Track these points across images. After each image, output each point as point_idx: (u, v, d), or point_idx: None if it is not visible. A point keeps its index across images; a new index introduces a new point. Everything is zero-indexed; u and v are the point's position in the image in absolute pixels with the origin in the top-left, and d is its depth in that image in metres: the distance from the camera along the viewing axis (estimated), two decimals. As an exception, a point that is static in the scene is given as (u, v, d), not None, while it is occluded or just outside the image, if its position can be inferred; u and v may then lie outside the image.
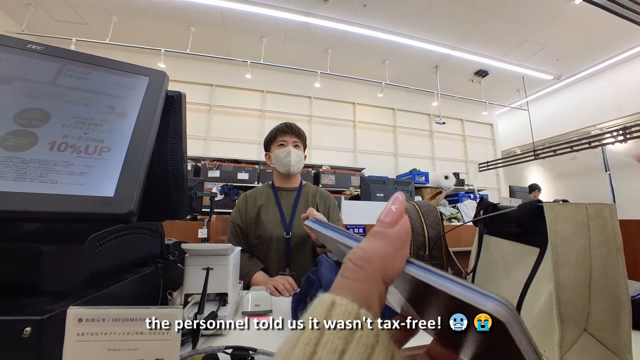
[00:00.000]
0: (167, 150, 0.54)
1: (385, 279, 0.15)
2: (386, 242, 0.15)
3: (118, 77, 0.49)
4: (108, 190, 0.39)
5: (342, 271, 0.15)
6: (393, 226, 0.16)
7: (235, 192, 3.18)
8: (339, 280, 0.15)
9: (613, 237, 0.47)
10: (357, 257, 0.15)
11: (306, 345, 0.12)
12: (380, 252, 0.15)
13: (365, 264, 0.15)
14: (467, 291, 0.13)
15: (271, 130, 1.15)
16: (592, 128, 4.25)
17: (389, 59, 4.03)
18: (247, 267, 0.95)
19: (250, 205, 1.08)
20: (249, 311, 0.63)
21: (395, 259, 0.15)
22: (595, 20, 3.06)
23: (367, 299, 0.14)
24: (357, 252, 0.15)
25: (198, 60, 3.83)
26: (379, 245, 0.15)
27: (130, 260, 0.54)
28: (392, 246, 0.15)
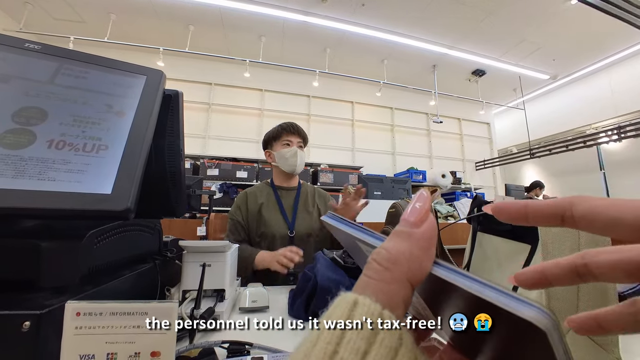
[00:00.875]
0: (164, 148, 0.54)
1: (411, 281, 0.14)
2: (412, 242, 0.15)
3: (115, 76, 0.50)
4: (106, 187, 0.40)
5: (367, 271, 0.15)
6: (418, 226, 0.15)
7: (234, 190, 3.18)
8: (363, 280, 0.14)
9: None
10: (383, 258, 0.15)
11: (327, 344, 0.12)
12: (406, 253, 0.14)
13: (391, 265, 0.14)
14: (505, 297, 0.12)
15: (275, 128, 1.14)
16: (588, 127, 4.28)
17: (387, 59, 4.04)
18: (248, 251, 0.95)
19: (251, 202, 1.09)
20: (246, 307, 0.64)
21: (422, 260, 0.15)
22: (591, 21, 3.08)
23: (391, 301, 0.13)
24: (382, 252, 0.15)
25: (197, 58, 3.83)
26: (404, 246, 0.15)
27: (128, 256, 0.54)
28: (418, 247, 0.15)
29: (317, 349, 0.12)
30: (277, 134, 1.12)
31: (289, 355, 0.12)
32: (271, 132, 1.15)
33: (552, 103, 4.89)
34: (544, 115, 4.92)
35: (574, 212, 0.14)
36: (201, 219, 1.67)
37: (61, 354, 0.32)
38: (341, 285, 0.60)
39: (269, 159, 1.15)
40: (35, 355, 0.33)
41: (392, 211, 1.02)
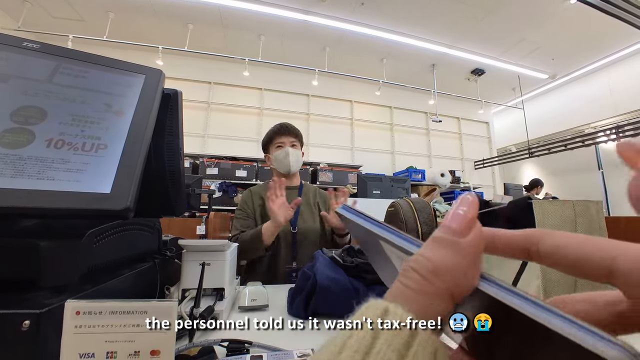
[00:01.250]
0: (163, 147, 0.54)
1: (454, 296, 0.13)
2: (457, 253, 0.13)
3: (114, 75, 0.50)
4: (105, 186, 0.40)
5: (404, 279, 0.13)
6: (464, 235, 0.14)
7: (233, 189, 3.18)
8: (398, 288, 0.13)
9: (599, 233, 0.49)
10: (424, 268, 0.13)
11: (355, 352, 0.11)
12: (451, 266, 0.13)
13: (433, 277, 0.13)
14: (581, 331, 0.10)
15: (267, 133, 1.18)
16: (586, 127, 4.30)
17: (387, 58, 4.04)
18: (253, 231, 0.97)
19: (256, 198, 1.12)
20: (245, 306, 0.64)
21: (468, 273, 0.13)
22: (590, 20, 3.09)
23: (427, 314, 0.12)
24: (423, 261, 0.13)
25: (196, 57, 3.82)
26: (449, 257, 0.13)
27: (127, 256, 0.54)
28: (465, 259, 0.13)
29: (343, 356, 0.11)
30: (269, 138, 1.17)
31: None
32: (265, 136, 1.19)
33: (551, 102, 4.90)
34: (543, 115, 4.93)
35: (540, 248, 0.13)
36: (201, 218, 1.67)
37: (61, 353, 0.32)
38: (340, 284, 0.60)
39: (268, 162, 1.19)
40: (35, 354, 0.33)
41: (392, 210, 1.02)
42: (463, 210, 0.14)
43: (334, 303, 0.59)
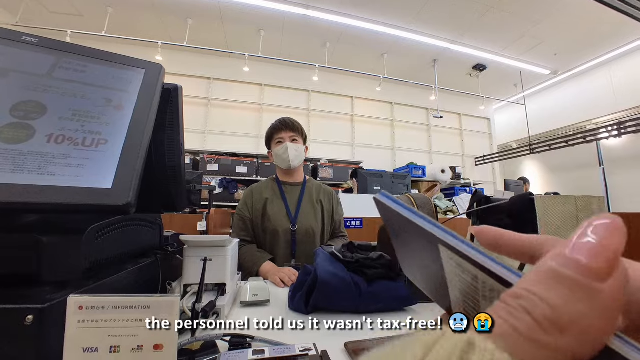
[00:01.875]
0: (164, 142, 0.54)
1: (576, 356, 0.10)
2: (595, 305, 0.10)
3: (114, 70, 0.50)
4: (106, 182, 0.40)
5: (508, 317, 0.10)
6: (604, 279, 0.10)
7: (234, 185, 3.18)
8: (497, 324, 0.10)
9: (600, 228, 0.48)
10: (543, 316, 0.10)
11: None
12: (583, 322, 0.09)
13: (556, 332, 0.09)
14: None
15: (268, 129, 1.18)
16: (588, 123, 4.28)
17: (388, 53, 4.01)
18: (256, 258, 0.97)
19: (257, 197, 1.11)
20: (247, 301, 0.64)
21: (603, 332, 0.10)
22: (593, 15, 3.05)
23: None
24: (544, 308, 0.10)
25: (195, 53, 3.79)
26: (582, 310, 0.10)
27: (129, 251, 0.54)
28: (604, 314, 0.10)
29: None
30: (270, 134, 1.16)
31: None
32: (266, 133, 1.18)
33: (552, 98, 4.87)
34: (544, 111, 4.91)
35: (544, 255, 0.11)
36: (201, 214, 1.67)
37: (64, 347, 0.32)
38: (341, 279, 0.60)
39: (271, 158, 1.18)
40: (38, 348, 0.33)
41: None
42: (605, 241, 0.10)
43: (335, 298, 0.59)
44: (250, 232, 1.07)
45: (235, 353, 0.45)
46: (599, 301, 0.10)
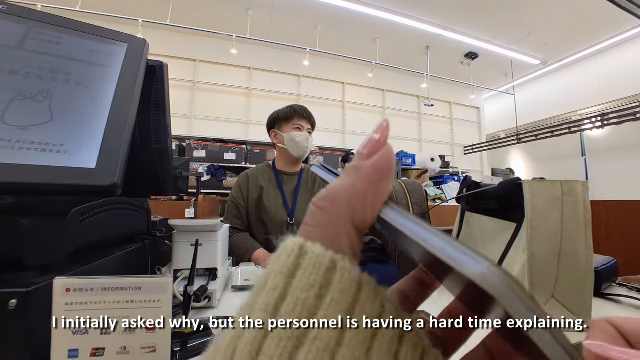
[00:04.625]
0: (149, 123, 0.52)
1: (354, 222, 0.11)
2: (357, 176, 0.12)
3: (93, 43, 0.46)
4: (89, 161, 0.38)
5: (305, 218, 0.12)
6: (369, 157, 0.13)
7: (222, 172, 3.14)
8: (300, 230, 0.12)
9: (583, 212, 0.50)
10: (320, 198, 0.12)
11: (264, 311, 0.10)
12: (347, 189, 0.12)
13: (328, 204, 0.12)
14: (447, 246, 0.10)
15: (286, 109, 1.09)
16: (573, 114, 4.39)
17: (380, 38, 3.94)
18: (249, 245, 0.95)
19: (252, 185, 1.06)
20: (239, 285, 0.64)
21: (368, 197, 0.12)
22: (584, 6, 3.08)
23: (335, 248, 0.11)
24: (322, 192, 0.13)
25: (179, 32, 3.60)
26: (347, 181, 0.12)
27: (116, 235, 0.53)
28: (363, 181, 0.12)
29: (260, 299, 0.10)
30: (289, 115, 1.07)
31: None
32: (281, 112, 1.09)
33: (541, 89, 4.95)
34: (533, 101, 4.99)
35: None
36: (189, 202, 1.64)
37: (52, 330, 0.31)
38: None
39: (275, 139, 1.10)
40: (24, 332, 0.32)
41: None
42: (376, 135, 0.13)
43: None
44: (244, 221, 1.05)
45: (228, 334, 0.45)
46: (361, 172, 0.12)
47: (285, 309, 0.10)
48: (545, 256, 0.51)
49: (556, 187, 0.50)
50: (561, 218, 0.50)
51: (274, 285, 0.10)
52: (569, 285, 0.51)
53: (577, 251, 0.50)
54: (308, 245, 0.11)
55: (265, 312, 0.10)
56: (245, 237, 1.00)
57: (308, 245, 0.11)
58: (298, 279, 0.10)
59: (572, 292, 0.51)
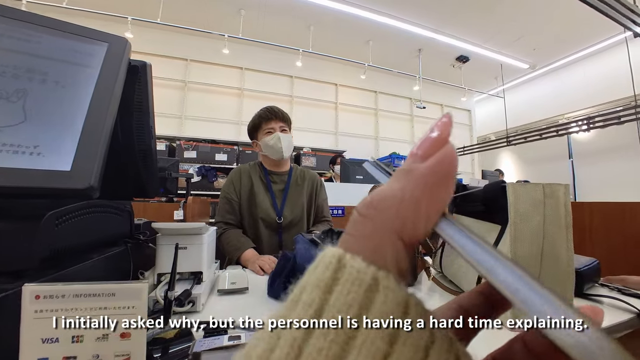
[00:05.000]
0: (132, 124, 0.51)
1: (404, 234, 0.10)
2: (408, 180, 0.10)
3: (72, 42, 0.45)
4: (65, 164, 0.37)
5: (346, 227, 0.11)
6: (425, 159, 0.11)
7: (213, 173, 3.10)
8: (341, 240, 0.11)
9: (564, 214, 0.51)
10: (363, 205, 0.11)
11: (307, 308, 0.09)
12: (397, 195, 0.10)
13: (372, 212, 0.10)
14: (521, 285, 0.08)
15: (254, 118, 1.11)
16: (561, 117, 4.49)
17: (373, 40, 3.97)
18: (240, 243, 0.94)
19: (245, 180, 1.07)
20: (225, 289, 0.63)
21: (422, 205, 0.10)
22: (571, 12, 3.15)
23: (377, 263, 0.10)
24: (366, 197, 0.11)
25: (171, 31, 3.56)
26: (396, 186, 0.11)
27: (96, 239, 0.51)
28: (416, 186, 0.10)
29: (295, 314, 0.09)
30: (257, 124, 1.09)
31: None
32: (251, 122, 1.11)
33: (529, 92, 5.05)
34: (522, 104, 5.09)
35: None
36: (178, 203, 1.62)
37: (21, 339, 0.30)
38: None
39: (257, 149, 1.12)
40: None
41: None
42: (435, 134, 0.11)
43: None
44: (237, 216, 1.04)
45: (210, 339, 0.45)
46: (415, 175, 0.10)
47: (321, 330, 0.09)
48: (528, 258, 0.51)
49: (538, 190, 0.51)
50: (543, 220, 0.51)
51: (310, 300, 0.09)
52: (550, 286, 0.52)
53: (558, 253, 0.51)
54: (347, 258, 0.10)
55: (300, 329, 0.09)
56: (237, 234, 0.99)
57: (347, 258, 0.10)
58: (335, 296, 0.09)
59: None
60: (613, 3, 2.00)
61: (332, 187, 2.10)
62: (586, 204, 1.12)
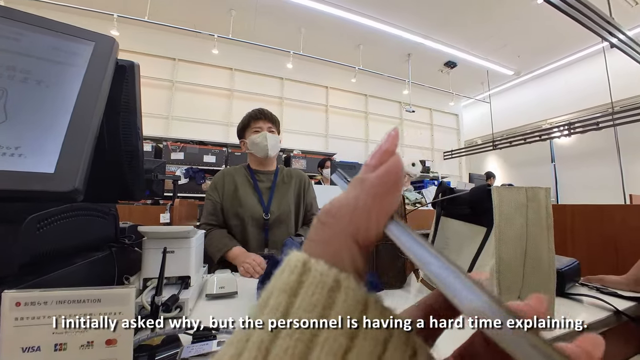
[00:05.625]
0: (118, 125, 0.50)
1: (357, 238, 0.11)
2: (361, 189, 0.12)
3: (57, 40, 0.44)
4: (48, 166, 0.36)
5: (308, 233, 0.12)
6: (376, 169, 0.12)
7: (201, 175, 3.06)
8: (304, 245, 0.12)
9: (546, 216, 0.53)
10: (323, 212, 0.12)
11: (259, 345, 0.09)
12: (351, 203, 0.11)
13: (330, 219, 0.11)
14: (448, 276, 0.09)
15: (243, 118, 1.14)
16: (543, 122, 4.66)
17: (363, 44, 4.02)
18: (222, 244, 0.94)
19: (228, 180, 1.08)
20: (213, 293, 0.62)
21: (372, 211, 0.11)
22: (553, 21, 3.28)
23: (337, 265, 0.10)
24: (325, 206, 0.12)
25: (158, 30, 3.48)
26: (350, 194, 0.12)
27: (79, 244, 0.50)
28: (367, 194, 0.11)
29: (250, 342, 0.09)
30: (246, 122, 1.13)
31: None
32: (241, 122, 1.15)
33: (514, 98, 5.22)
34: (507, 110, 5.25)
35: None
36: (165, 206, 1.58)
37: (0, 347, 0.29)
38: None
39: (244, 147, 1.15)
40: (-34, 351, 0.29)
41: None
42: (384, 146, 0.13)
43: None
44: (220, 218, 1.04)
45: (199, 345, 0.44)
46: (366, 184, 0.12)
47: (287, 331, 0.09)
48: (512, 259, 0.53)
49: (521, 193, 0.53)
50: (526, 223, 0.52)
51: (277, 304, 0.10)
52: (533, 287, 0.53)
53: (540, 254, 0.53)
54: (312, 262, 0.10)
55: (267, 331, 0.09)
56: (221, 234, 0.99)
57: (311, 262, 0.10)
58: (301, 297, 0.10)
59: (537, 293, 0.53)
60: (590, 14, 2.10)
61: (322, 190, 2.10)
62: (568, 207, 1.17)
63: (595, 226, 1.08)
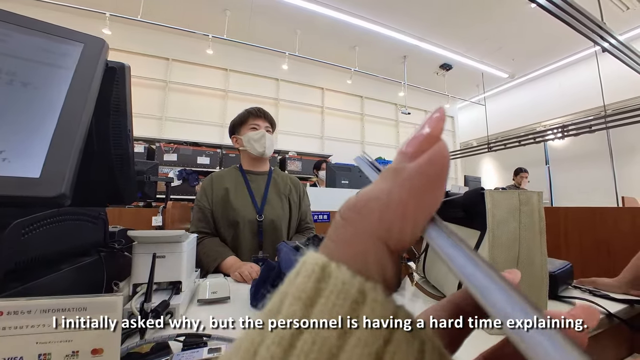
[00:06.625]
0: (108, 127, 0.49)
1: (389, 241, 0.09)
2: (395, 181, 0.09)
3: (44, 41, 0.43)
4: (33, 170, 0.35)
5: (328, 231, 0.10)
6: (414, 158, 0.10)
7: (194, 177, 3.03)
8: (322, 245, 0.10)
9: (538, 220, 0.53)
10: (347, 207, 0.10)
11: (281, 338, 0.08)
12: (381, 198, 0.09)
13: (354, 215, 0.09)
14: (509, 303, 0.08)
15: (242, 113, 1.12)
16: (537, 125, 4.71)
17: (359, 45, 4.03)
18: (217, 253, 0.91)
19: (217, 185, 1.05)
20: (206, 299, 0.61)
21: (409, 209, 0.09)
22: (547, 25, 3.33)
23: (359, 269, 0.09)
24: (350, 199, 0.10)
25: (152, 29, 3.44)
26: (381, 187, 0.10)
27: (67, 249, 0.49)
28: (403, 188, 0.09)
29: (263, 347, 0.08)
30: (243, 118, 1.10)
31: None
32: (237, 117, 1.12)
33: (509, 101, 5.28)
34: (502, 112, 5.31)
35: None
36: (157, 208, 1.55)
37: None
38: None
39: (237, 144, 1.12)
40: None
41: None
42: (426, 131, 0.10)
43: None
44: (211, 224, 1.02)
45: (189, 352, 0.43)
46: (402, 176, 0.09)
47: (302, 347, 0.08)
48: (505, 263, 0.53)
49: (514, 197, 0.53)
50: (519, 226, 0.53)
51: (291, 314, 0.08)
52: (526, 290, 0.53)
53: (533, 257, 0.53)
54: (332, 267, 0.09)
55: (279, 345, 0.08)
56: (214, 243, 0.96)
57: (332, 267, 0.09)
58: (319, 309, 0.08)
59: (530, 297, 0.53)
60: (582, 19, 2.14)
61: (318, 192, 2.10)
62: (561, 209, 1.18)
63: (588, 229, 1.09)
